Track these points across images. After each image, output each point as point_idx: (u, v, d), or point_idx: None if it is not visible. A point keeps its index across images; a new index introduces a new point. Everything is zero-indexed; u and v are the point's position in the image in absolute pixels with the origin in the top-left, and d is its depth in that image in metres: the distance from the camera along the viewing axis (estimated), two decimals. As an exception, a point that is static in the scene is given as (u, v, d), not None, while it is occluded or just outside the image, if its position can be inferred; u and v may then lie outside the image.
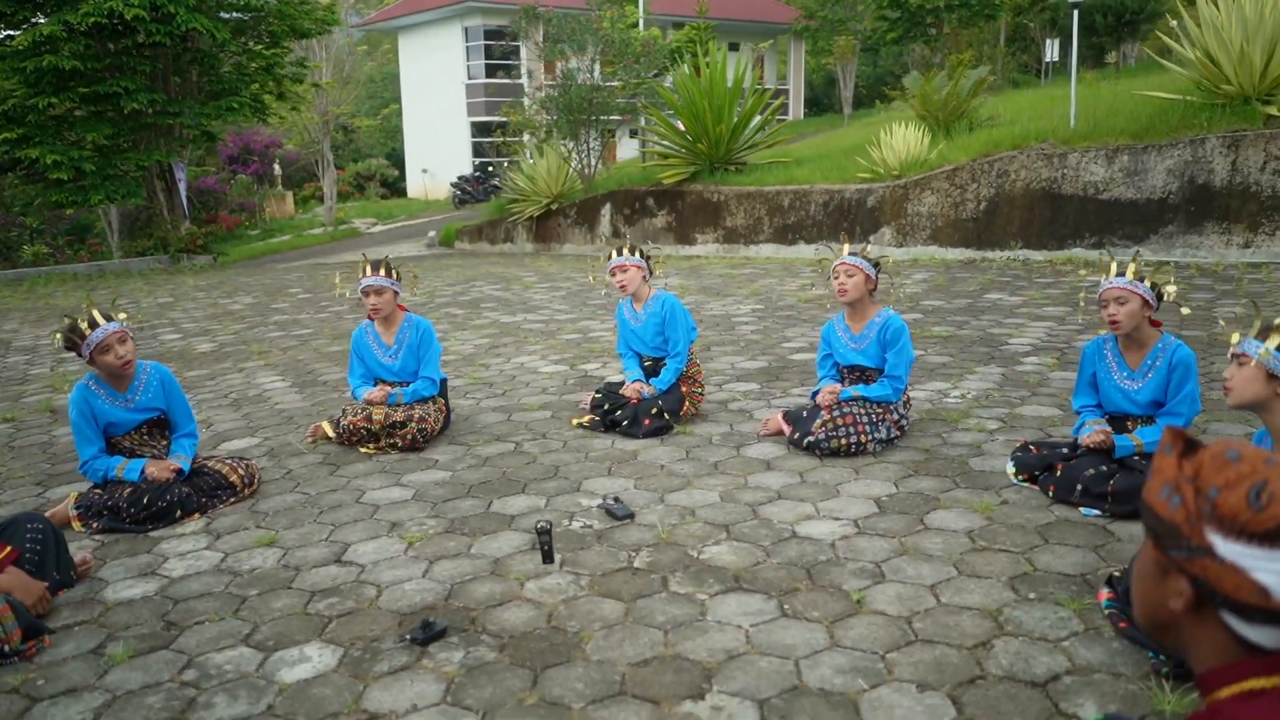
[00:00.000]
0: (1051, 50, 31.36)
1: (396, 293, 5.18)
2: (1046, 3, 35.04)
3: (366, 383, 5.24)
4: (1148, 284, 3.78)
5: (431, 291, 11.29)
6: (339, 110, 29.13)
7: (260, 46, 19.63)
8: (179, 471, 4.32)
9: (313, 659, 3.00)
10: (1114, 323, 3.79)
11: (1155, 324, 3.87)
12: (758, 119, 16.43)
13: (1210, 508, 1.18)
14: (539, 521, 3.58)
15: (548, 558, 3.54)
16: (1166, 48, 13.25)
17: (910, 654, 2.82)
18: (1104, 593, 3.04)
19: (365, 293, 5.10)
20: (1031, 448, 4.20)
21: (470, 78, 36.09)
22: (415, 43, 37.80)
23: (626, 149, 29.82)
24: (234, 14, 18.40)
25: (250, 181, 31.31)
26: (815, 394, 4.81)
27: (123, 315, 4.30)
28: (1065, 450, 4.00)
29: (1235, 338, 2.80)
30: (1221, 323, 6.53)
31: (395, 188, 40.40)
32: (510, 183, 18.90)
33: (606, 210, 17.36)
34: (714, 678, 2.76)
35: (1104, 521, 3.66)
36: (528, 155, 19.73)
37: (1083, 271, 9.39)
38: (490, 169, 32.42)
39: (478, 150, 36.48)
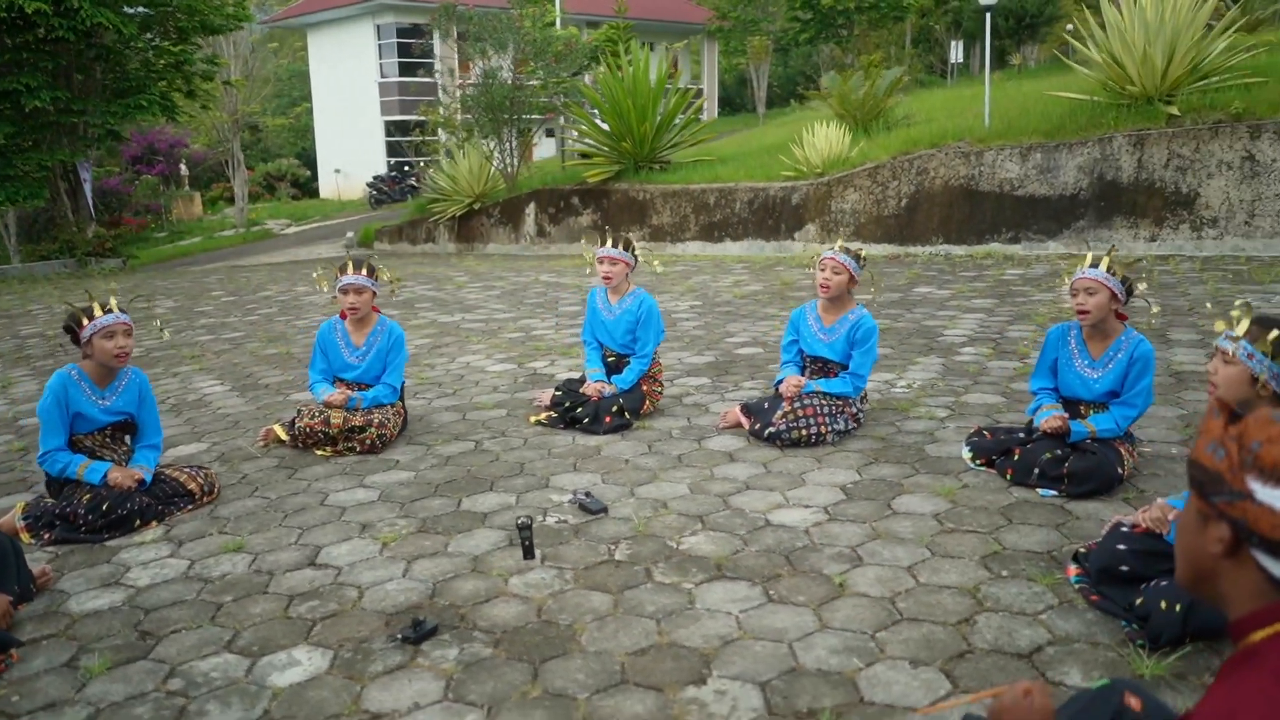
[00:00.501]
0: (956, 52, 32.33)
1: (375, 294, 5.11)
2: (949, 5, 36.11)
3: (326, 379, 5.15)
4: (1119, 278, 3.94)
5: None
6: (249, 109, 28.35)
7: (167, 43, 19.01)
8: (141, 482, 4.20)
9: (302, 662, 2.97)
10: (1082, 312, 3.95)
11: (1121, 317, 4.04)
12: (681, 118, 16.59)
13: (1252, 459, 1.29)
14: (519, 517, 3.59)
15: (528, 553, 3.56)
16: (1068, 49, 13.81)
17: (898, 632, 2.92)
18: (1072, 569, 3.19)
19: (344, 291, 5.02)
20: (985, 433, 4.37)
21: (383, 76, 35.53)
22: (325, 40, 37.03)
23: (543, 148, 29.72)
24: (140, 9, 17.76)
25: (156, 182, 30.26)
26: (778, 382, 4.91)
27: (157, 322, 4.23)
28: (1021, 435, 4.17)
29: (1220, 327, 2.92)
30: (1153, 318, 6.77)
31: (307, 188, 39.51)
32: (431, 182, 18.69)
33: (531, 209, 17.30)
34: (712, 663, 2.82)
35: (1061, 501, 3.84)
36: (445, 154, 19.50)
37: (1005, 265, 9.75)
38: (407, 169, 31.97)
39: (393, 150, 35.93)
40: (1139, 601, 2.82)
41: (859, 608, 3.08)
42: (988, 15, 13.85)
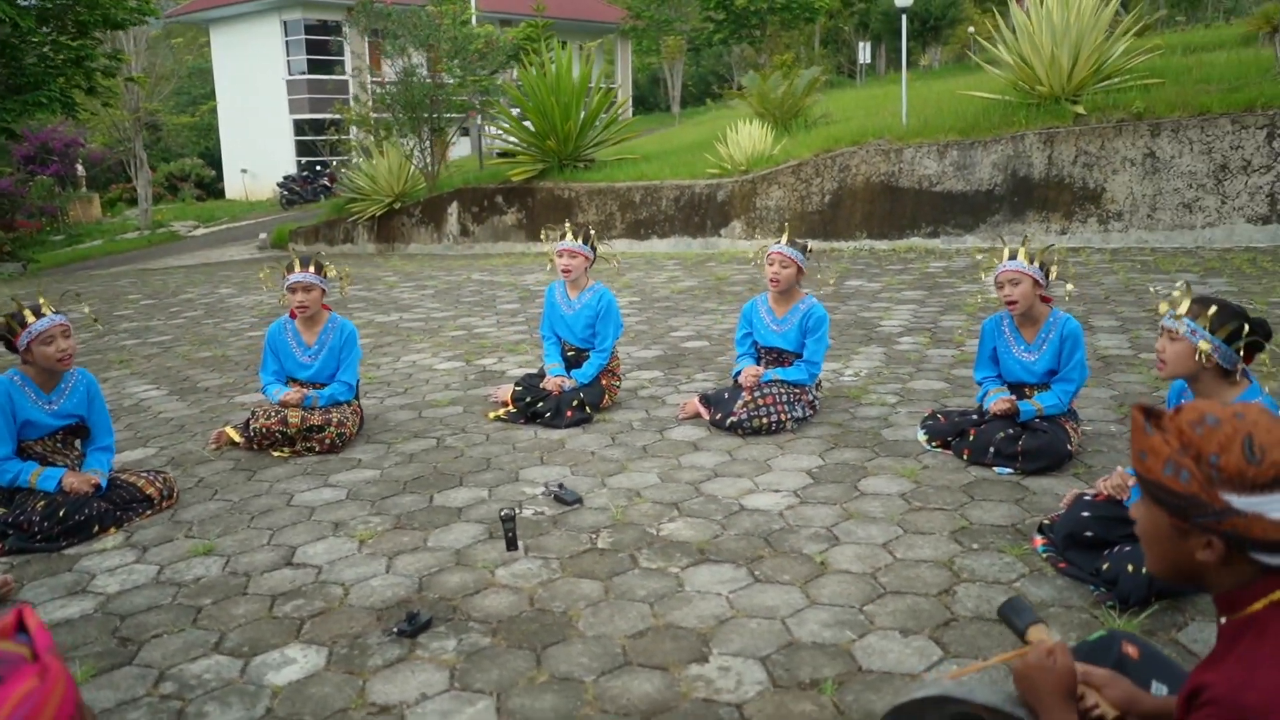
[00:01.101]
0: (864, 53, 33.08)
1: (324, 291, 5.04)
2: (855, 7, 36.96)
3: (278, 380, 5.07)
4: (1037, 265, 4.16)
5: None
6: (150, 106, 27.38)
7: (65, 38, 18.24)
8: (97, 486, 4.08)
9: (298, 660, 2.95)
10: (1011, 303, 4.15)
11: (1046, 300, 4.26)
12: (604, 116, 16.66)
13: (1216, 473, 1.39)
14: (501, 509, 3.61)
15: (512, 544, 3.58)
16: (972, 50, 14.30)
17: (885, 605, 3.05)
18: (1038, 539, 3.37)
19: (293, 289, 4.93)
20: (939, 416, 4.55)
21: (292, 74, 34.70)
22: (229, 36, 35.96)
23: (459, 148, 29.41)
24: (36, 1, 17.02)
25: (51, 183, 28.97)
26: (736, 374, 5.02)
27: (86, 308, 4.08)
28: (974, 417, 4.36)
29: (1163, 308, 3.12)
30: (1067, 295, 7.10)
31: (212, 189, 38.32)
32: (349, 182, 18.37)
33: (454, 209, 17.15)
34: (711, 641, 2.90)
35: (1017, 478, 4.03)
36: (359, 154, 19.15)
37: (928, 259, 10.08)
38: (319, 168, 31.31)
39: (303, 149, 35.12)
40: (1105, 566, 3.00)
41: (843, 584, 3.20)
42: (903, 17, 14.29)
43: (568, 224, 5.54)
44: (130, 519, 4.16)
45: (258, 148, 35.58)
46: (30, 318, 4.00)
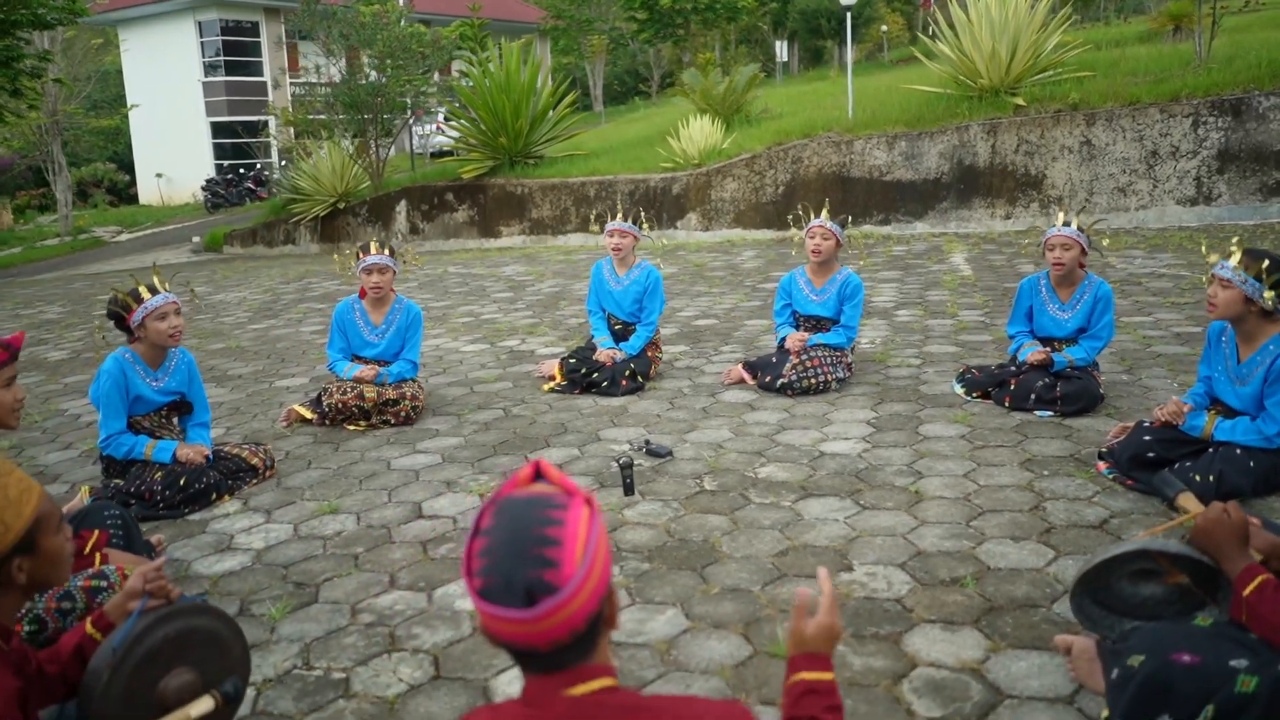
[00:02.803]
0: (782, 51, 33.90)
1: (395, 273, 5.27)
2: (769, 6, 37.81)
3: (345, 357, 5.29)
4: (1085, 235, 4.66)
5: (271, 289, 10.92)
6: (68, 108, 26.52)
7: (-13, 38, 17.69)
8: (207, 457, 4.28)
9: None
10: (1059, 264, 4.65)
11: (1082, 265, 4.77)
12: (552, 113, 16.95)
13: None
14: (620, 458, 3.96)
15: (629, 490, 3.92)
16: (884, 48, 15.01)
17: (988, 520, 3.49)
18: (1100, 464, 3.87)
19: (368, 271, 5.15)
20: (974, 371, 5.05)
21: (207, 75, 33.97)
22: (141, 38, 34.94)
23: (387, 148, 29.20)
24: (-40, 0, 16.47)
25: (-42, 190, 27.84)
26: (781, 341, 5.43)
27: (194, 288, 4.27)
28: (1013, 369, 4.85)
29: (1214, 259, 3.62)
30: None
31: (124, 194, 37.18)
32: (289, 182, 18.25)
33: (402, 207, 17.22)
34: (848, 555, 3.30)
35: (1057, 420, 4.54)
36: (298, 154, 18.99)
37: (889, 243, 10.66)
38: (243, 171, 30.74)
39: (221, 152, 34.40)
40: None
41: (943, 506, 3.64)
42: (847, 15, 14.90)
43: (619, 206, 5.88)
44: (239, 488, 4.37)
45: (174, 151, 34.71)
46: (146, 294, 4.17)
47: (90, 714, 2.07)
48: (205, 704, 2.15)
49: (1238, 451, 3.45)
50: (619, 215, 5.70)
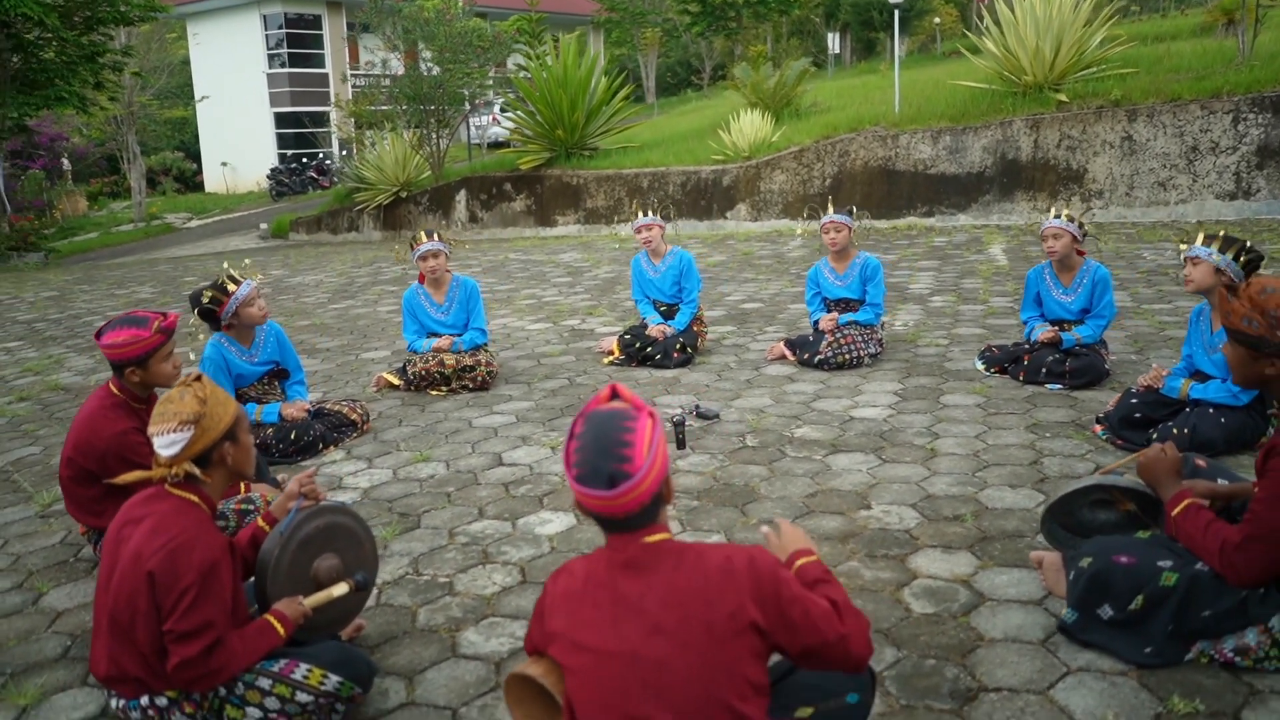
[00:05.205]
0: (834, 43, 34.09)
1: (448, 256, 5.88)
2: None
3: (421, 337, 5.94)
4: (1076, 224, 5.16)
5: (344, 273, 11.68)
6: (143, 99, 27.76)
7: (75, 34, 18.75)
8: (309, 411, 4.94)
9: (553, 521, 3.87)
10: (1052, 252, 5.16)
11: (1081, 252, 5.26)
12: (607, 106, 17.55)
13: (1275, 321, 2.39)
14: (674, 415, 4.55)
15: (681, 444, 4.52)
16: (936, 41, 15.36)
17: (991, 472, 4.04)
18: (1096, 427, 4.39)
19: (424, 258, 5.76)
20: (994, 349, 5.58)
21: (271, 67, 35.10)
22: (209, 30, 36.19)
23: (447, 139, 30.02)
24: (55, -1, 17.53)
25: (42, 177, 29.22)
26: (815, 323, 5.99)
27: (259, 275, 4.89)
28: (1026, 346, 5.36)
29: (1182, 245, 4.13)
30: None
31: (190, 182, 38.57)
32: (355, 171, 19.06)
33: (462, 196, 17.93)
34: (869, 498, 3.87)
35: (1066, 392, 5.05)
36: (359, 145, 19.83)
37: (931, 234, 11.11)
38: (306, 160, 31.81)
39: (283, 141, 35.54)
40: (1154, 436, 4.01)
41: (954, 460, 4.19)
42: (895, 12, 15.26)
43: (650, 201, 6.47)
44: (341, 439, 5.04)
45: (238, 141, 35.92)
46: (231, 286, 4.76)
47: (264, 585, 2.72)
48: (343, 588, 2.78)
49: (1211, 410, 3.96)
50: (642, 212, 6.29)
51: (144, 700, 2.48)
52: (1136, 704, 2.45)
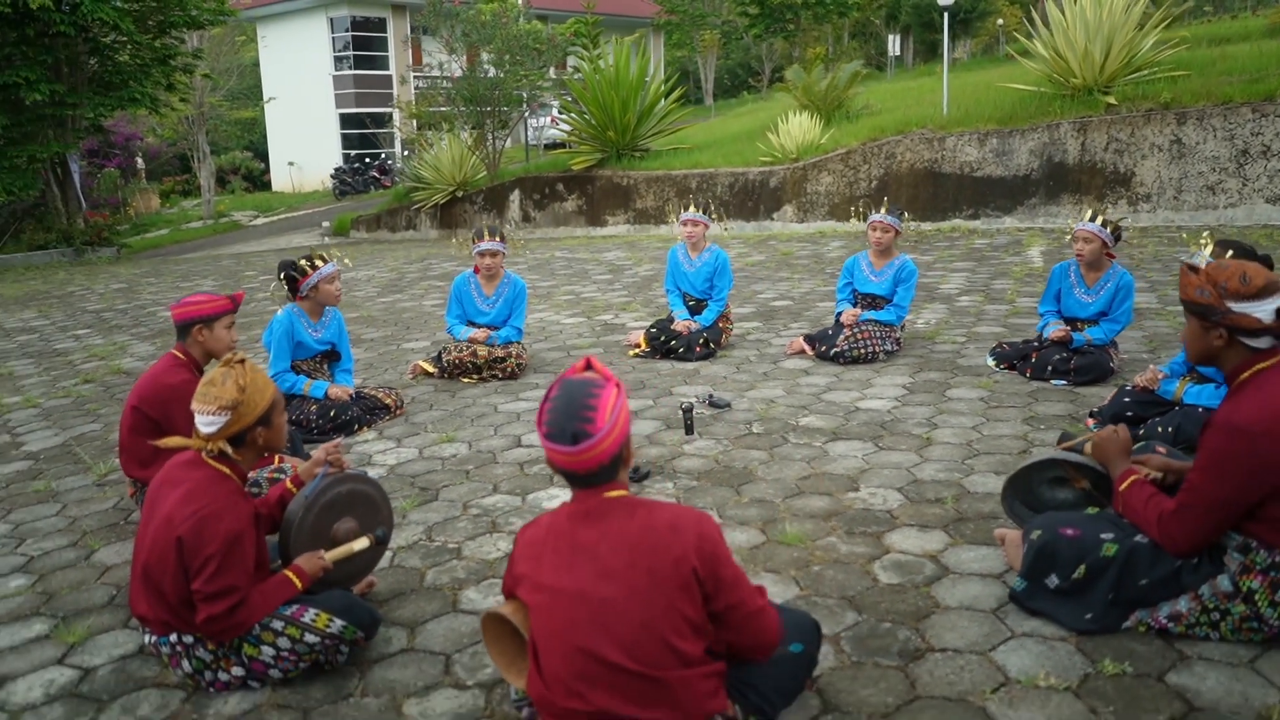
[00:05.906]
0: (894, 45, 33.90)
1: (504, 254, 6.20)
2: (882, 1, 37.87)
3: (461, 323, 6.25)
4: (1109, 229, 5.26)
5: (396, 269, 12.12)
6: (214, 100, 28.77)
7: (149, 38, 19.56)
8: (351, 395, 5.29)
9: (561, 496, 4.13)
10: (1080, 254, 5.27)
11: (1110, 256, 5.37)
12: (660, 106, 17.81)
13: (1224, 291, 2.55)
14: (683, 403, 4.79)
15: (690, 430, 4.75)
16: (999, 43, 15.31)
17: (980, 460, 4.20)
18: (1089, 420, 4.52)
19: (483, 254, 6.09)
20: (1004, 346, 5.71)
21: (338, 69, 36.02)
22: (277, 33, 37.29)
23: (503, 140, 30.58)
24: (129, 3, 18.31)
25: (117, 175, 30.42)
26: (839, 314, 6.18)
27: (347, 260, 5.30)
28: (1035, 344, 5.49)
29: (1193, 248, 4.25)
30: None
31: (258, 181, 39.75)
32: (413, 171, 19.58)
33: (515, 196, 18.33)
34: (858, 481, 4.06)
35: (1070, 389, 5.17)
36: (429, 145, 20.37)
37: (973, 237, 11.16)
38: (368, 160, 32.62)
39: (348, 141, 36.46)
40: (1142, 433, 4.14)
41: (947, 449, 4.36)
42: (944, 15, 15.28)
43: (701, 200, 6.70)
44: (375, 422, 5.37)
45: (304, 141, 36.93)
46: (320, 263, 5.17)
47: (288, 542, 3.02)
48: (363, 542, 3.08)
49: (1199, 411, 4.07)
50: (691, 208, 6.51)
51: (173, 638, 2.79)
52: (1070, 665, 2.63)
